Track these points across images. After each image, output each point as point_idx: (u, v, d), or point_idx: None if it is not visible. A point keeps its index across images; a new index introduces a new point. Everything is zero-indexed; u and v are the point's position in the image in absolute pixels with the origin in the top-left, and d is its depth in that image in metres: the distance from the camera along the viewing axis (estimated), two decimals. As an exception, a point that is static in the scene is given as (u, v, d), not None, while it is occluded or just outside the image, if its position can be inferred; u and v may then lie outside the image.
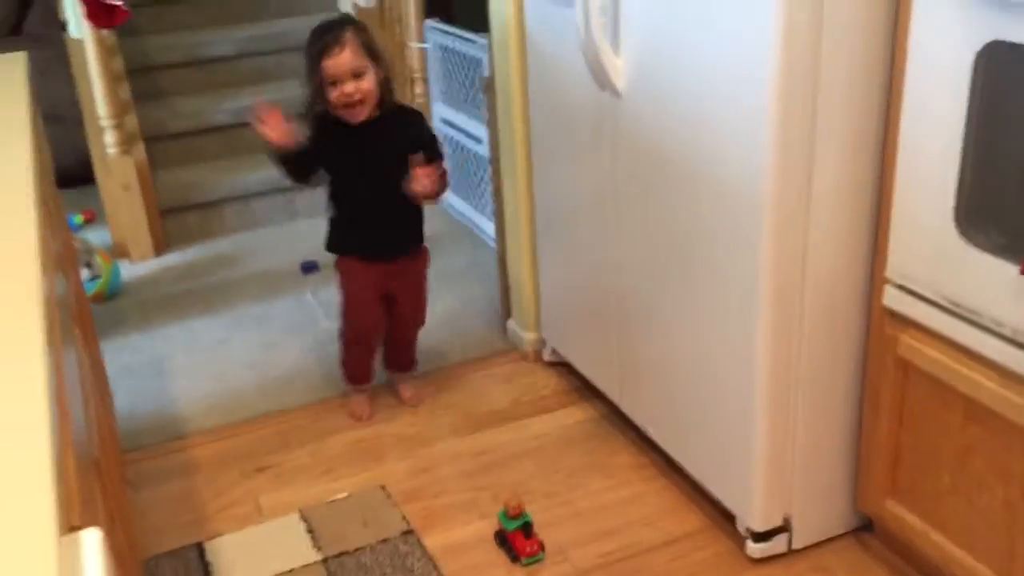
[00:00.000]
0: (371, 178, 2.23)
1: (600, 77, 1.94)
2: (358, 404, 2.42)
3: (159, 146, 3.57)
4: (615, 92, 1.92)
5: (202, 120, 3.67)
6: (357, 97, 2.13)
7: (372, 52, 2.15)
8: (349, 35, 2.12)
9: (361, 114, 2.16)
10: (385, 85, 2.19)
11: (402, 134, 2.22)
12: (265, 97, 3.67)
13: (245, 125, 3.68)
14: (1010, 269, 1.37)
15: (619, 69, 1.90)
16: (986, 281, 1.42)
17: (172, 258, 3.43)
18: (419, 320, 2.45)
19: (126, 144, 3.28)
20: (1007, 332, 1.41)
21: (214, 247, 3.50)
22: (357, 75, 2.11)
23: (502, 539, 1.94)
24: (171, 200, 3.49)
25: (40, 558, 0.58)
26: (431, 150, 2.24)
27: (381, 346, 2.46)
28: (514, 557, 1.90)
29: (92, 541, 0.65)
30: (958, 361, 1.51)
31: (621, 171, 1.99)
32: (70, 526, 0.68)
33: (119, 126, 3.23)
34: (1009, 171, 1.40)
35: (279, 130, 2.15)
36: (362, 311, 2.35)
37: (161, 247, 3.46)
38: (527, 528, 1.91)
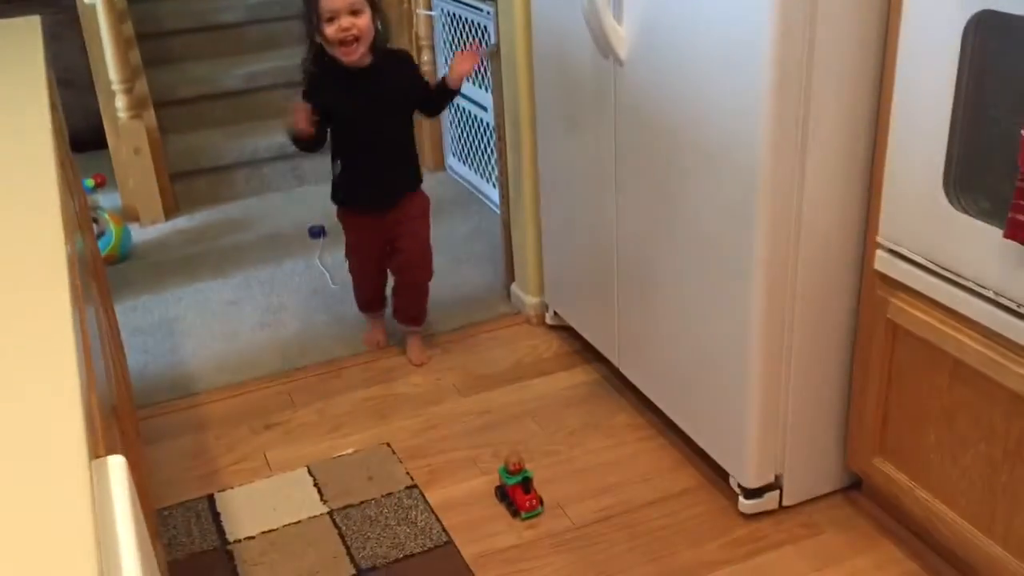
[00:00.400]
0: (370, 122, 2.32)
1: (603, 45, 1.98)
2: (372, 332, 2.59)
3: (169, 111, 3.62)
4: (618, 60, 1.96)
5: (212, 85, 3.71)
6: (353, 32, 2.19)
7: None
8: None
9: (356, 52, 2.23)
10: (380, 29, 2.28)
11: (397, 77, 2.34)
12: (271, 64, 3.74)
13: (255, 91, 3.76)
14: (995, 233, 1.41)
15: (622, 37, 1.94)
16: (972, 245, 1.47)
17: (181, 222, 3.49)
18: (425, 266, 2.51)
19: (137, 108, 3.32)
20: (990, 294, 1.46)
21: (223, 211, 3.56)
22: (354, 11, 2.19)
23: (502, 494, 2.00)
24: (181, 164, 3.54)
25: (74, 478, 0.64)
26: (426, 90, 2.41)
27: (390, 295, 2.59)
28: (514, 511, 1.97)
29: (117, 465, 0.71)
30: (945, 323, 1.56)
31: (623, 138, 2.03)
32: (96, 455, 0.74)
33: (130, 91, 3.28)
34: (996, 139, 1.44)
35: (306, 122, 2.25)
36: (365, 258, 2.51)
37: (171, 211, 3.51)
38: (527, 483, 1.97)
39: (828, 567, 1.80)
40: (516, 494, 1.97)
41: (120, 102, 3.27)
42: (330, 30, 2.19)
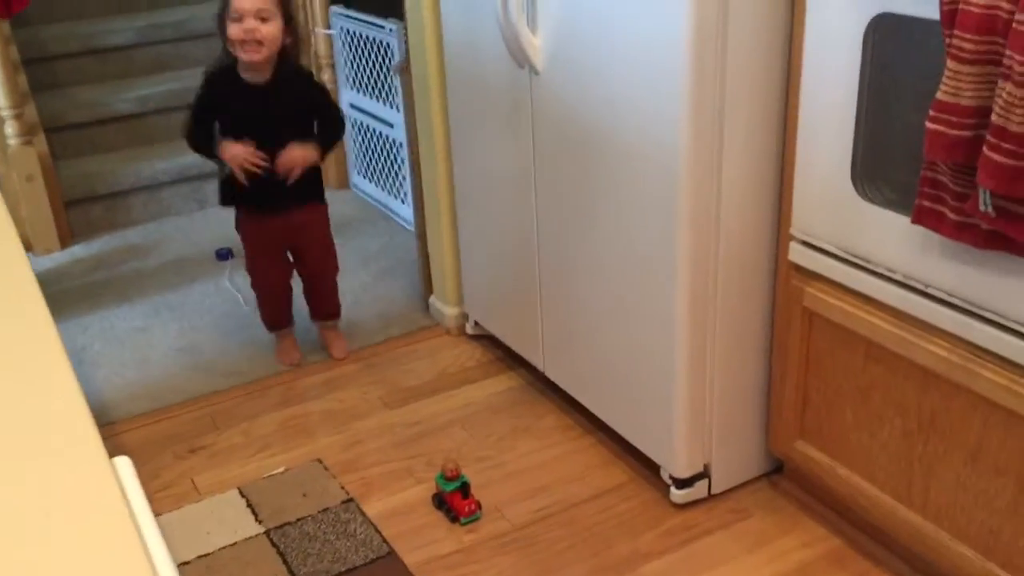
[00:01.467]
0: (265, 136, 2.31)
1: (518, 55, 2.03)
2: (284, 349, 2.57)
3: (60, 137, 3.50)
4: (534, 69, 2.02)
5: (103, 110, 3.61)
6: (257, 36, 2.21)
7: (283, 5, 2.26)
8: None
9: (258, 54, 2.23)
10: (288, 46, 2.31)
11: (296, 96, 2.36)
12: (164, 88, 3.67)
13: (147, 114, 3.68)
14: (901, 220, 1.52)
15: (537, 47, 2.00)
16: (880, 233, 1.58)
17: (78, 250, 3.38)
18: (330, 258, 2.55)
19: (28, 135, 3.21)
20: (899, 277, 1.57)
21: (123, 238, 3.46)
22: (262, 17, 2.21)
23: (440, 501, 2.02)
24: (75, 191, 3.43)
25: (99, 475, 0.65)
26: (325, 109, 2.42)
27: (302, 297, 2.62)
28: (453, 517, 1.99)
29: (126, 465, 0.71)
30: (858, 307, 1.67)
31: (541, 146, 2.09)
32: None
33: (19, 116, 3.17)
34: (898, 132, 1.55)
35: (252, 164, 2.31)
36: (265, 265, 2.51)
37: (67, 239, 3.40)
38: (465, 489, 1.99)
39: (758, 549, 1.88)
40: (454, 500, 1.99)
41: (10, 128, 3.15)
42: (234, 29, 2.21)
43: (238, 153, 2.29)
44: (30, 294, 0.89)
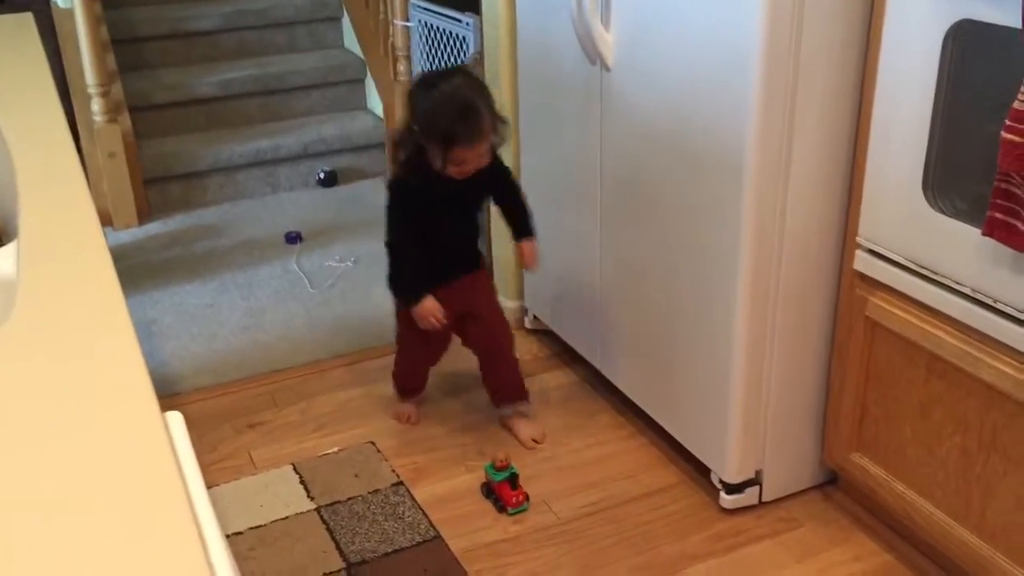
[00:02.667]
0: (454, 216, 2.15)
1: (590, 52, 2.04)
2: (405, 410, 2.32)
3: (143, 116, 3.61)
4: (605, 66, 2.02)
5: (186, 92, 3.71)
6: (473, 169, 2.01)
7: (495, 120, 2.00)
8: (486, 122, 1.96)
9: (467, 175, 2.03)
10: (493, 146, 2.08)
11: (484, 175, 2.08)
12: (246, 73, 3.76)
13: (228, 98, 3.78)
14: (971, 232, 1.49)
15: (609, 44, 2.00)
16: (950, 244, 1.54)
17: (155, 227, 3.48)
18: (505, 328, 2.26)
19: (113, 112, 3.32)
20: (967, 290, 1.53)
21: (197, 217, 3.55)
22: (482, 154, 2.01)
23: (488, 490, 2.04)
24: (155, 170, 3.54)
25: (151, 429, 0.67)
26: (509, 184, 2.20)
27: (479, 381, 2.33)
28: (500, 507, 2.00)
29: (178, 420, 0.74)
30: (922, 320, 1.63)
31: (608, 142, 2.09)
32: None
33: (106, 94, 3.27)
34: (972, 142, 1.52)
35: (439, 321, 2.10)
36: (429, 334, 2.19)
37: (144, 216, 3.50)
38: (513, 480, 2.00)
39: (807, 559, 1.85)
40: (503, 490, 2.00)
41: (96, 105, 3.26)
42: (453, 169, 1.99)
43: (428, 313, 2.08)
44: (102, 263, 0.93)
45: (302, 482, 2.12)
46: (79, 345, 0.81)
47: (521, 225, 2.21)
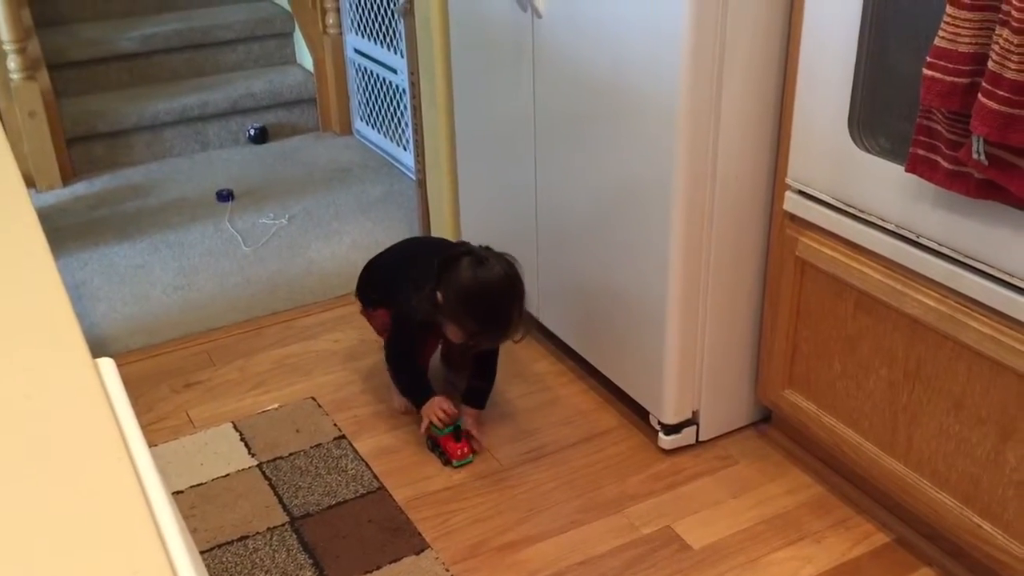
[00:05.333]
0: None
1: (521, -2, 2.02)
2: (404, 400, 2.17)
3: (62, 74, 3.49)
4: (536, 12, 2.01)
5: (106, 48, 3.59)
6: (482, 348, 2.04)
7: (521, 323, 1.95)
8: (513, 328, 1.93)
9: None
10: None
11: None
12: (168, 28, 3.65)
13: (151, 53, 3.67)
14: (895, 170, 1.52)
15: (540, -10, 1.99)
16: (875, 182, 1.58)
17: (80, 188, 3.39)
18: (491, 374, 2.15)
19: (30, 70, 3.20)
20: (892, 227, 1.57)
21: (124, 176, 3.46)
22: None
23: (433, 444, 2.04)
24: (77, 129, 3.43)
25: (83, 373, 0.66)
26: (493, 355, 2.13)
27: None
28: (446, 460, 2.00)
29: (110, 366, 0.73)
30: (850, 257, 1.67)
31: (542, 90, 2.09)
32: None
33: (23, 51, 3.16)
34: (896, 81, 1.55)
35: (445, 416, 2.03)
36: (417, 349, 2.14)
37: (68, 176, 3.40)
38: (457, 432, 2.00)
39: (743, 494, 1.91)
40: (447, 443, 2.00)
41: (12, 63, 3.14)
42: (461, 340, 1.98)
43: (435, 409, 2.02)
44: (27, 221, 0.90)
45: (243, 439, 2.10)
46: (4, 295, 0.79)
47: (476, 396, 2.11)
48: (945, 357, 1.55)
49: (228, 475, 1.99)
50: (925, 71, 1.35)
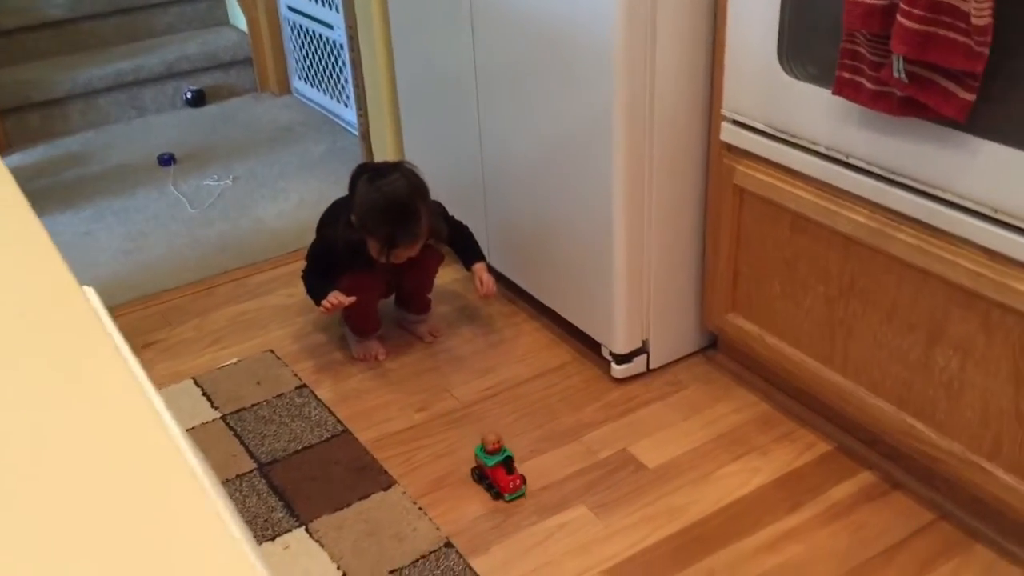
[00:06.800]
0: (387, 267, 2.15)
1: (456, -56, 2.05)
2: (365, 349, 2.23)
3: (-10, 44, 3.43)
4: (471, -42, 2.04)
5: (33, 15, 3.53)
6: (406, 258, 2.09)
7: (431, 219, 2.07)
8: (423, 223, 2.03)
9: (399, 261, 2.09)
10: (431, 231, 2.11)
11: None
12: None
13: (80, 19, 3.61)
14: (823, 94, 1.60)
15: (474, -65, 2.01)
16: (805, 107, 1.65)
17: (15, 159, 3.34)
18: (434, 270, 2.29)
19: (-44, 40, 3.14)
20: (822, 149, 1.65)
21: (62, 146, 3.42)
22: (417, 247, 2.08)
23: (480, 475, 1.86)
24: (9, 100, 3.37)
25: (74, 298, 0.70)
26: (452, 231, 2.22)
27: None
28: (496, 494, 1.81)
29: (94, 292, 0.76)
30: (784, 182, 1.75)
31: (481, 40, 2.12)
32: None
33: (-53, 21, 3.09)
34: (821, 9, 1.62)
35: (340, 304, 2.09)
36: (365, 300, 2.18)
37: (3, 148, 3.35)
38: (508, 463, 1.81)
39: (692, 416, 2.00)
40: (497, 475, 1.81)
41: (-63, 33, 3.08)
42: (383, 257, 2.05)
43: (329, 302, 2.08)
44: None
45: (204, 394, 2.13)
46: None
47: (469, 254, 2.23)
48: (876, 270, 1.64)
49: (193, 428, 2.03)
50: (847, -5, 1.42)
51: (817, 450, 1.88)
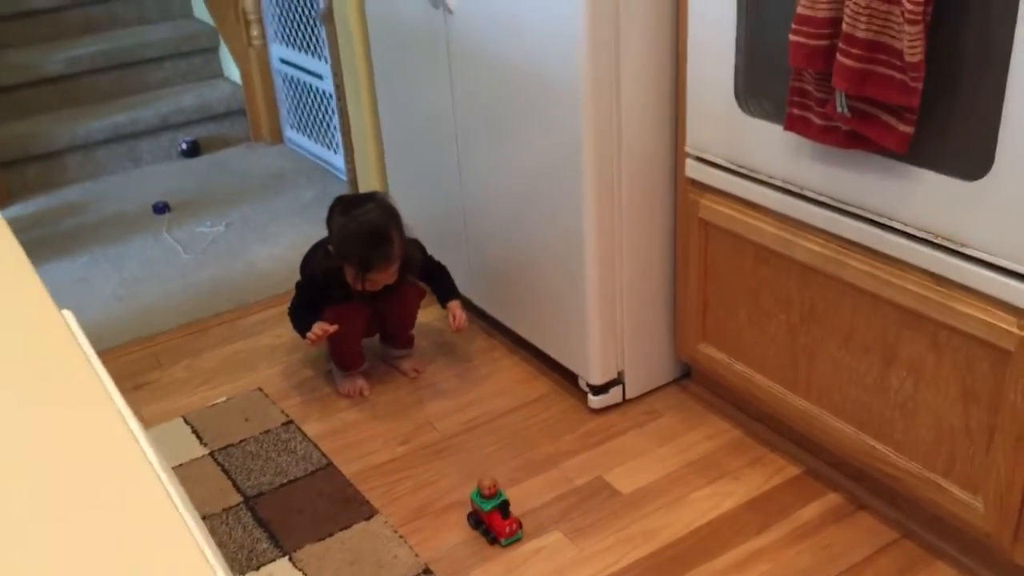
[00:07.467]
0: (369, 297, 2.23)
1: (432, -4, 2.15)
2: (351, 385, 2.30)
3: (-9, 99, 3.54)
4: (447, 8, 2.14)
5: (34, 71, 3.64)
6: (382, 285, 2.18)
7: (403, 243, 2.17)
8: (396, 248, 2.13)
9: (375, 288, 2.18)
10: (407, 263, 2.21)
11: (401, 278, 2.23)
12: (94, 48, 3.72)
13: (78, 75, 3.73)
14: (777, 130, 1.68)
15: (449, -13, 2.12)
16: (762, 143, 1.74)
17: (15, 210, 3.43)
18: (416, 304, 2.36)
19: (-42, 96, 3.25)
20: (779, 182, 1.73)
21: (60, 196, 3.52)
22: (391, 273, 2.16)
23: (476, 520, 1.86)
24: (10, 152, 3.48)
25: (52, 320, 0.78)
26: (426, 269, 2.31)
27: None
28: (492, 539, 1.83)
29: (71, 315, 0.84)
30: (746, 214, 1.83)
31: (458, 85, 2.22)
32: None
33: (-51, 78, 3.20)
34: (773, 50, 1.71)
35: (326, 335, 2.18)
36: (348, 332, 2.25)
37: (3, 200, 3.45)
38: (504, 508, 1.82)
39: (667, 443, 2.05)
40: (493, 520, 1.82)
41: (-60, 90, 3.19)
42: (359, 285, 2.14)
43: (313, 333, 2.16)
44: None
45: (194, 431, 2.20)
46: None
47: (444, 291, 2.33)
48: (833, 296, 1.71)
49: (181, 464, 2.09)
50: (791, 36, 1.52)
51: (786, 473, 1.94)
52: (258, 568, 1.79)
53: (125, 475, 0.65)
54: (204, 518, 1.92)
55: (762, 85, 1.74)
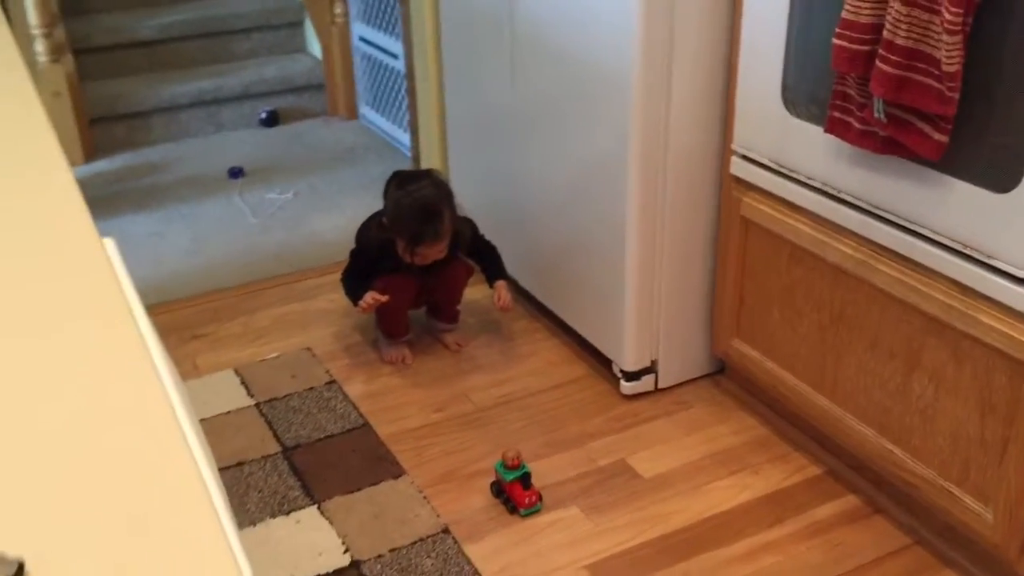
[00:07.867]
0: (418, 270, 2.30)
1: (499, -18, 2.22)
2: (395, 352, 2.38)
3: (86, 59, 3.72)
4: (512, -5, 2.21)
5: (127, 35, 3.82)
6: (432, 260, 2.26)
7: (455, 222, 2.24)
8: (446, 224, 2.20)
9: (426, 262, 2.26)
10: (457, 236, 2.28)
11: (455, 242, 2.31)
12: (184, 16, 3.88)
13: (169, 40, 3.90)
14: (819, 131, 1.71)
15: (516, -25, 2.18)
16: (804, 144, 1.77)
17: (101, 165, 3.61)
18: (457, 297, 2.44)
19: (56, 53, 3.43)
20: (817, 184, 1.76)
21: (142, 155, 3.69)
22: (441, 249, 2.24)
23: (498, 489, 1.92)
24: (99, 110, 3.66)
25: (93, 249, 0.87)
26: (476, 247, 2.39)
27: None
28: (512, 508, 1.89)
29: (113, 245, 0.93)
30: (784, 214, 1.86)
31: (519, 70, 2.28)
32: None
33: (49, 35, 3.38)
34: (817, 57, 1.73)
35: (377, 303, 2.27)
36: (397, 302, 2.33)
37: (90, 154, 3.63)
38: (526, 479, 1.88)
39: (693, 433, 2.09)
40: (514, 490, 1.88)
41: (40, 46, 3.37)
42: (410, 257, 2.23)
43: (365, 302, 2.26)
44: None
45: (243, 383, 2.31)
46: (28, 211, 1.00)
47: (493, 271, 2.41)
48: (862, 300, 1.73)
49: (228, 412, 2.20)
50: (834, 40, 1.54)
51: (807, 472, 1.96)
52: (288, 513, 1.89)
53: (136, 391, 0.73)
54: (244, 463, 2.03)
55: (808, 87, 1.77)
